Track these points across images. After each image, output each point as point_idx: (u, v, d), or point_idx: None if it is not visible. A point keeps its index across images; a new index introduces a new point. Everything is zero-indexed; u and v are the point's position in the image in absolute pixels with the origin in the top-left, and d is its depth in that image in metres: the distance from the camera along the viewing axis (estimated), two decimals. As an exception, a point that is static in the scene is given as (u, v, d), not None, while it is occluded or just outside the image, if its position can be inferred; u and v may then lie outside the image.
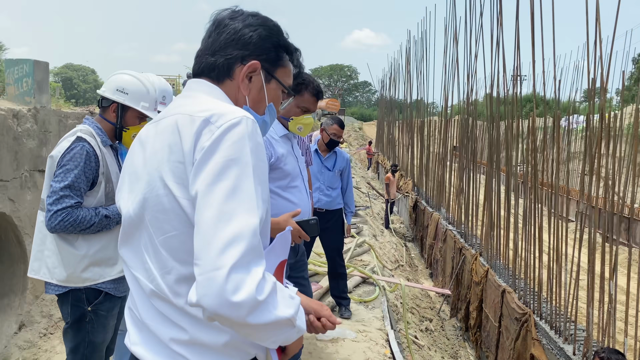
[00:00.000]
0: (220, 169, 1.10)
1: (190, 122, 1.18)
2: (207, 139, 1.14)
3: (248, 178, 1.12)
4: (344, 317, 4.41)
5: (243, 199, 1.09)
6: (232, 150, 1.12)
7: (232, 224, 1.06)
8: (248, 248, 1.05)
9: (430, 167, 11.64)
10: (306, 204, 2.80)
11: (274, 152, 2.68)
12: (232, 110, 1.20)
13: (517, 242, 5.89)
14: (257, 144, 1.18)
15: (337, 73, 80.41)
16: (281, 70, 1.41)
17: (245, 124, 1.16)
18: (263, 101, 1.39)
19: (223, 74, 1.34)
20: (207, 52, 1.35)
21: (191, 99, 1.30)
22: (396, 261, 9.09)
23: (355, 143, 31.89)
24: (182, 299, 1.17)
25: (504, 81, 6.32)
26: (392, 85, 20.92)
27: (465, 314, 7.28)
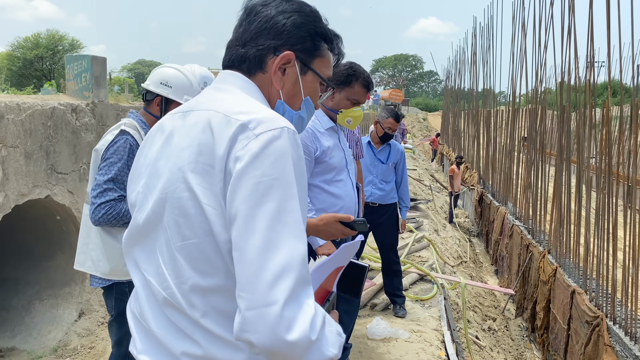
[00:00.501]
0: (263, 189, 1.01)
1: (225, 124, 1.08)
2: (244, 148, 1.04)
3: (293, 199, 1.03)
4: (398, 315, 4.26)
5: (289, 223, 1.02)
6: (275, 169, 1.03)
7: (281, 252, 0.99)
8: (298, 279, 1.00)
9: (497, 159, 11.17)
10: (351, 197, 2.68)
11: (319, 145, 2.59)
12: (272, 117, 1.10)
13: (589, 239, 5.50)
14: (299, 157, 1.08)
15: (402, 63, 79.22)
16: (319, 60, 1.29)
17: (287, 136, 1.07)
18: (299, 95, 1.28)
19: (254, 67, 1.23)
20: (238, 43, 1.25)
21: (225, 93, 1.20)
22: (459, 257, 8.79)
23: (419, 134, 31.26)
24: (198, 312, 1.09)
25: (575, 68, 5.89)
26: (457, 74, 20.29)
27: (532, 314, 6.93)
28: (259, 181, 1.02)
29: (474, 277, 8.23)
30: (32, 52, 35.71)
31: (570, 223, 6.10)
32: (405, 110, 39.83)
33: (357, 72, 2.63)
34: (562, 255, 6.26)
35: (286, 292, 0.98)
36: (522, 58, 8.79)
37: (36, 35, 37.11)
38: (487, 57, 12.76)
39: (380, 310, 4.36)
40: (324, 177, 2.61)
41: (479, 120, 14.06)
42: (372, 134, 4.45)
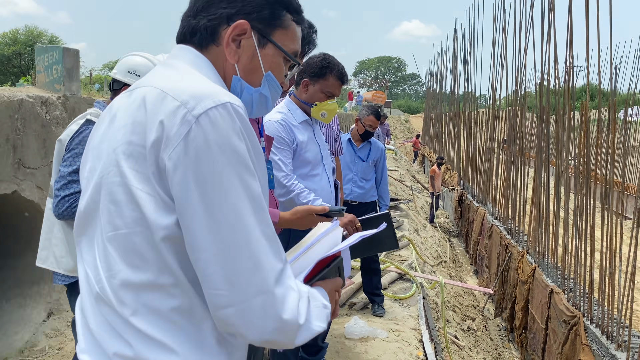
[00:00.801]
0: (217, 179, 0.93)
1: (160, 101, 0.98)
2: (179, 128, 0.94)
3: (251, 181, 0.96)
4: (376, 314, 4.21)
5: (253, 209, 0.96)
6: (223, 154, 0.94)
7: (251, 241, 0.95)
8: (274, 262, 0.97)
9: (477, 161, 11.23)
10: (328, 193, 2.62)
11: (295, 137, 2.51)
12: (212, 92, 0.98)
13: (567, 240, 5.53)
14: (249, 133, 0.99)
15: (385, 65, 79.53)
16: (280, 32, 1.16)
17: (230, 113, 0.96)
18: (258, 70, 1.15)
19: (206, 39, 1.12)
20: (190, 13, 1.14)
21: (170, 69, 1.09)
22: (439, 257, 8.79)
23: (402, 135, 31.36)
24: (128, 309, 0.99)
25: (555, 71, 5.92)
26: (438, 77, 20.39)
27: (511, 314, 6.94)
28: (211, 170, 0.93)
29: (454, 277, 8.24)
30: (9, 49, 34.98)
31: (549, 224, 6.13)
32: (388, 112, 39.94)
33: (332, 64, 2.56)
34: (541, 255, 6.28)
35: (263, 283, 0.95)
36: (502, 60, 8.84)
37: (14, 32, 36.38)
38: (468, 60, 12.84)
39: (359, 310, 4.31)
40: (299, 171, 2.54)
41: (460, 123, 14.13)
42: (353, 132, 4.40)
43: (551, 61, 6.14)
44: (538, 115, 6.90)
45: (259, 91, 1.18)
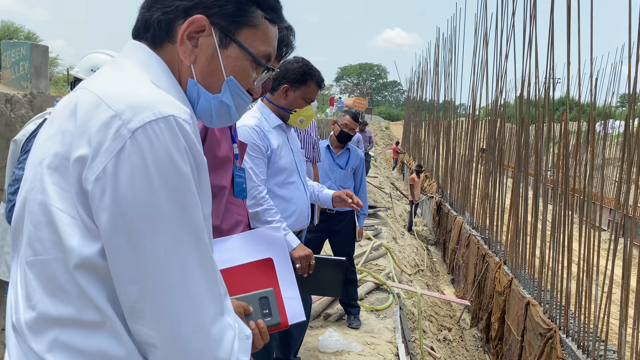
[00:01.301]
0: (152, 207, 0.81)
1: (93, 109, 0.84)
2: (111, 144, 0.81)
3: (191, 209, 0.84)
4: (352, 326, 4.11)
5: (188, 241, 0.84)
6: (160, 177, 0.81)
7: (189, 276, 0.84)
8: (210, 304, 0.86)
9: (456, 169, 11.25)
10: (304, 201, 2.52)
11: (269, 143, 2.41)
12: (155, 100, 0.85)
13: (544, 251, 5.51)
14: (192, 150, 0.86)
15: (366, 72, 79.91)
16: (248, 31, 1.00)
17: (173, 126, 0.83)
18: (218, 74, 0.99)
19: (160, 35, 0.97)
20: (144, 6, 0.99)
21: (116, 69, 0.95)
22: (416, 266, 8.74)
23: (382, 142, 31.43)
24: (43, 345, 0.85)
25: (535, 83, 5.93)
26: (419, 85, 20.49)
27: (487, 325, 6.92)
28: (146, 196, 0.81)
29: (431, 286, 8.20)
30: (-17, 44, 34.25)
31: (527, 234, 6.12)
32: (369, 119, 40.08)
33: (313, 70, 2.49)
34: (518, 266, 6.26)
35: (205, 320, 0.85)
36: (483, 69, 8.87)
37: (-11, 27, 35.62)
38: (449, 69, 12.89)
39: (334, 321, 4.21)
40: (275, 179, 2.44)
41: (439, 131, 14.18)
42: (332, 138, 4.31)
43: (532, 72, 6.14)
44: (517, 125, 6.92)
45: (219, 98, 1.01)
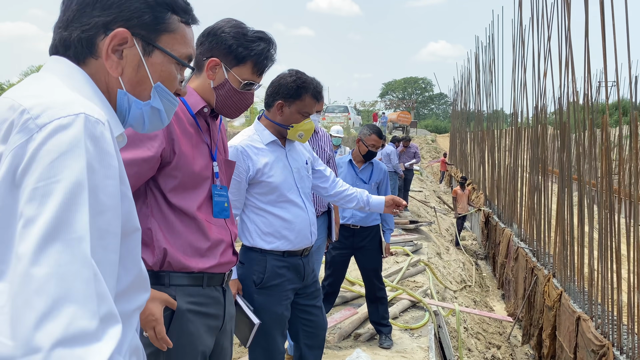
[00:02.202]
0: (39, 198, 0.78)
1: (6, 110, 0.86)
2: (16, 136, 0.82)
3: (79, 209, 0.80)
4: (383, 346, 3.98)
5: (69, 241, 0.78)
6: (55, 169, 0.80)
7: (52, 280, 0.75)
8: (77, 314, 0.75)
9: (502, 180, 10.90)
10: (304, 220, 2.44)
11: (252, 164, 2.37)
12: (67, 100, 0.87)
13: (593, 262, 5.20)
14: (101, 152, 0.85)
15: (411, 86, 79.41)
16: (167, 36, 1.05)
17: (81, 125, 0.83)
18: (145, 81, 1.04)
19: (83, 52, 1.00)
20: (60, 25, 1.01)
21: (36, 80, 0.96)
22: (462, 281, 8.45)
23: (428, 156, 30.96)
24: None
25: (585, 86, 5.66)
26: (461, 95, 20.14)
27: (538, 342, 6.58)
28: (35, 187, 0.79)
29: (478, 302, 7.89)
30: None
31: (574, 243, 5.80)
32: (414, 132, 39.62)
33: (307, 83, 2.43)
34: (567, 278, 5.94)
35: (54, 335, 0.73)
36: (523, 83, 8.60)
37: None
38: (490, 77, 12.58)
39: (365, 341, 4.08)
40: (267, 197, 2.39)
41: (484, 142, 13.83)
42: (354, 153, 4.23)
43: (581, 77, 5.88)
44: (559, 131, 6.63)
45: (150, 104, 1.06)
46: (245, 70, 1.81)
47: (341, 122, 24.06)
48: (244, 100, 1.84)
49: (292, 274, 2.46)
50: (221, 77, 1.80)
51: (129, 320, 0.96)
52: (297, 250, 2.45)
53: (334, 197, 2.73)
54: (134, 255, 0.97)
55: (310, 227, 2.47)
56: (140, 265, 0.99)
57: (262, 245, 2.39)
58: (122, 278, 0.94)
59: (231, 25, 1.83)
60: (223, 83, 1.79)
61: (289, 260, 2.43)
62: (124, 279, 0.94)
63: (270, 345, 2.42)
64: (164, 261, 1.64)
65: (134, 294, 0.97)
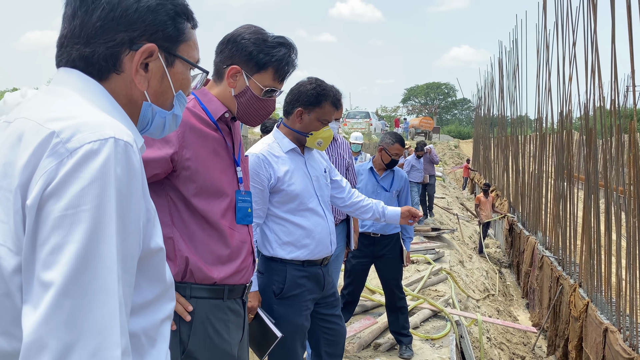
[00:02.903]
0: (67, 226, 0.78)
1: (34, 135, 0.84)
2: (50, 169, 0.80)
3: (107, 240, 0.80)
4: (403, 357, 3.92)
5: (96, 273, 0.79)
6: (85, 198, 0.79)
7: (78, 314, 0.77)
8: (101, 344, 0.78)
9: (526, 187, 10.71)
10: (324, 229, 2.41)
11: (273, 172, 2.35)
12: (97, 123, 0.85)
13: (620, 271, 5.06)
14: (130, 178, 0.85)
15: (434, 91, 78.90)
16: (185, 45, 1.07)
17: (111, 151, 0.83)
18: (168, 91, 1.05)
19: (107, 69, 0.98)
20: (78, 40, 0.97)
21: (54, 96, 0.94)
22: (485, 290, 8.31)
23: (451, 162, 30.66)
24: None
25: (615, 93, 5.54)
26: (484, 100, 19.92)
27: (564, 353, 6.42)
28: (63, 215, 0.78)
29: (502, 312, 7.75)
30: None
31: (601, 252, 5.66)
32: (437, 138, 39.30)
33: (327, 91, 2.40)
34: (594, 288, 5.79)
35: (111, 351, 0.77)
36: (547, 83, 8.45)
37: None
38: (514, 82, 12.41)
39: (385, 351, 4.03)
40: (287, 206, 2.37)
41: (508, 147, 13.63)
42: (376, 160, 4.19)
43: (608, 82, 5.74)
44: (585, 137, 6.49)
45: (173, 112, 1.08)
46: (267, 77, 1.79)
47: (362, 128, 24.00)
48: (266, 108, 1.82)
49: (312, 284, 2.43)
50: (242, 85, 1.77)
51: (160, 330, 0.96)
52: (317, 260, 2.43)
53: (350, 207, 2.70)
54: (160, 272, 0.97)
55: (330, 236, 2.44)
56: (165, 281, 0.99)
57: (282, 255, 2.37)
58: (146, 292, 0.94)
59: (251, 31, 1.80)
60: (244, 91, 1.77)
61: (308, 269, 2.41)
62: (147, 293, 0.94)
63: (290, 357, 2.39)
64: (185, 271, 1.64)
65: (161, 304, 0.97)
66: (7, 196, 0.84)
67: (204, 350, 1.65)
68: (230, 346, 1.70)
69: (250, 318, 2.19)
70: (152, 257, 0.94)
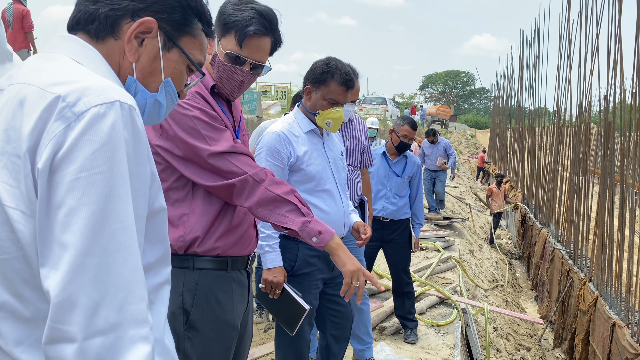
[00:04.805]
0: (81, 188, 0.80)
1: (37, 99, 0.85)
2: (58, 133, 0.82)
3: (122, 200, 0.83)
4: (408, 341, 3.94)
5: (114, 233, 0.82)
6: (98, 160, 0.81)
7: (99, 271, 0.81)
8: (127, 299, 0.82)
9: (541, 179, 10.62)
10: (339, 211, 2.42)
11: (293, 151, 2.35)
12: (100, 86, 0.86)
13: (632, 267, 5.02)
14: (137, 141, 0.87)
15: (453, 79, 78.12)
16: (189, 39, 1.07)
17: (118, 113, 0.84)
18: (157, 74, 1.04)
19: (104, 30, 0.99)
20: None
21: (50, 62, 0.94)
22: (494, 280, 8.30)
23: (466, 151, 30.41)
24: (9, 340, 0.87)
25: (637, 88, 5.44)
26: (503, 90, 19.68)
27: (570, 346, 6.41)
28: (76, 177, 0.80)
29: (510, 303, 7.74)
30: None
31: (613, 247, 5.61)
32: (453, 127, 38.97)
33: (333, 68, 2.34)
34: (604, 283, 5.75)
35: (110, 320, 0.80)
36: (567, 75, 8.32)
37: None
38: (534, 73, 12.23)
39: (390, 335, 4.06)
40: (304, 186, 2.37)
41: (525, 139, 13.49)
42: (388, 144, 4.18)
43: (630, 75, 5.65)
44: (603, 131, 6.40)
45: (155, 97, 1.05)
46: (229, 41, 1.69)
47: (378, 114, 23.86)
48: (233, 76, 1.70)
49: (323, 264, 2.45)
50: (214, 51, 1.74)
51: (159, 294, 0.99)
52: None
53: None
54: (161, 233, 0.99)
55: (345, 219, 2.44)
56: (166, 242, 1.02)
57: None
58: (148, 254, 0.96)
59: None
60: (214, 56, 1.73)
61: (320, 250, 2.42)
62: (150, 255, 0.97)
63: (296, 333, 2.42)
64: (189, 244, 1.66)
65: (160, 268, 1.00)
66: (14, 161, 0.85)
67: (206, 321, 1.67)
68: (233, 317, 1.72)
69: (277, 293, 2.20)
70: (155, 217, 0.96)
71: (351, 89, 2.40)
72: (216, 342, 1.69)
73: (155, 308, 0.97)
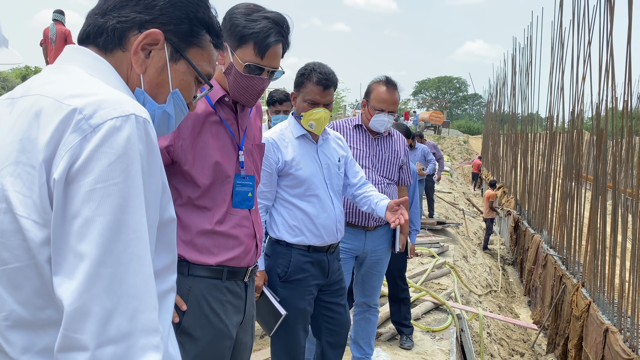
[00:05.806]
0: (97, 199, 0.82)
1: (54, 111, 0.87)
2: (75, 145, 0.83)
3: (136, 211, 0.85)
4: (403, 347, 3.96)
5: (128, 243, 0.84)
6: (113, 172, 0.83)
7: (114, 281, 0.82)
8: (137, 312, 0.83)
9: (534, 184, 10.69)
10: (329, 216, 2.43)
11: (282, 156, 2.39)
12: (116, 100, 0.88)
13: (624, 273, 5.07)
14: (150, 154, 0.89)
15: (445, 85, 78.53)
16: (196, 50, 1.08)
17: (133, 126, 0.86)
18: (164, 85, 1.06)
19: (112, 42, 1.01)
20: (98, 11, 1.03)
21: (64, 74, 0.96)
22: (488, 286, 8.34)
23: (459, 157, 30.54)
24: (16, 348, 0.88)
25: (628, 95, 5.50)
26: (496, 97, 19.81)
27: (563, 351, 6.45)
28: (92, 189, 0.82)
29: (503, 308, 7.78)
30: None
31: (606, 252, 5.66)
32: (446, 133, 39.13)
33: (309, 70, 2.39)
34: (597, 289, 5.80)
35: (122, 329, 0.81)
36: (560, 81, 8.40)
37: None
38: (526, 79, 12.33)
39: (386, 340, 4.07)
40: (294, 191, 2.41)
41: (517, 145, 13.58)
42: (384, 152, 4.19)
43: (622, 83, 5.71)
44: (595, 137, 6.46)
45: (163, 108, 1.07)
46: (247, 52, 1.70)
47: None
48: (252, 86, 1.72)
49: (316, 270, 2.46)
50: (228, 61, 1.74)
51: (164, 302, 1.00)
52: (323, 246, 2.45)
53: (354, 199, 2.70)
54: (169, 242, 1.00)
55: (337, 224, 2.46)
56: (174, 251, 1.03)
57: (287, 239, 2.41)
58: (156, 262, 0.97)
59: (244, 6, 1.75)
60: (229, 67, 1.73)
61: (313, 255, 2.44)
62: (157, 263, 0.98)
63: (291, 339, 2.43)
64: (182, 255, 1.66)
65: (167, 275, 1.02)
66: (29, 171, 0.86)
67: (198, 327, 1.68)
68: (226, 327, 1.72)
69: (256, 296, 2.24)
70: (165, 227, 0.98)
71: (328, 88, 2.39)
72: (208, 349, 1.69)
73: (160, 315, 0.99)
